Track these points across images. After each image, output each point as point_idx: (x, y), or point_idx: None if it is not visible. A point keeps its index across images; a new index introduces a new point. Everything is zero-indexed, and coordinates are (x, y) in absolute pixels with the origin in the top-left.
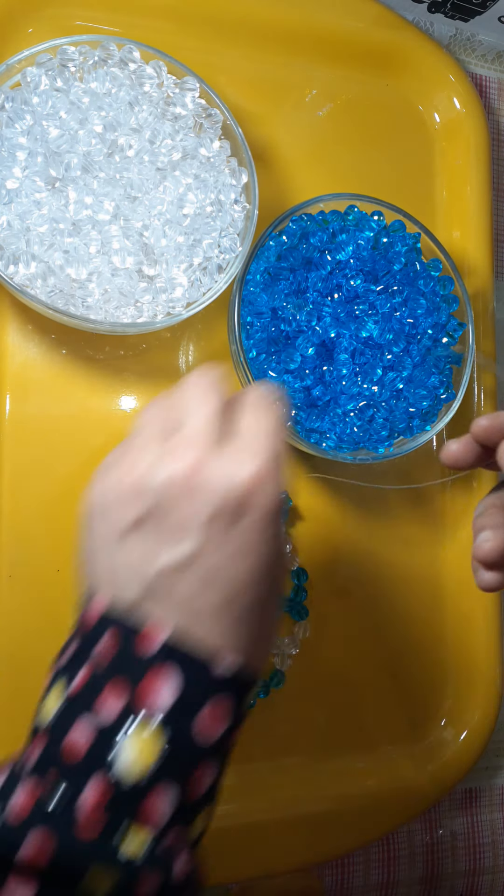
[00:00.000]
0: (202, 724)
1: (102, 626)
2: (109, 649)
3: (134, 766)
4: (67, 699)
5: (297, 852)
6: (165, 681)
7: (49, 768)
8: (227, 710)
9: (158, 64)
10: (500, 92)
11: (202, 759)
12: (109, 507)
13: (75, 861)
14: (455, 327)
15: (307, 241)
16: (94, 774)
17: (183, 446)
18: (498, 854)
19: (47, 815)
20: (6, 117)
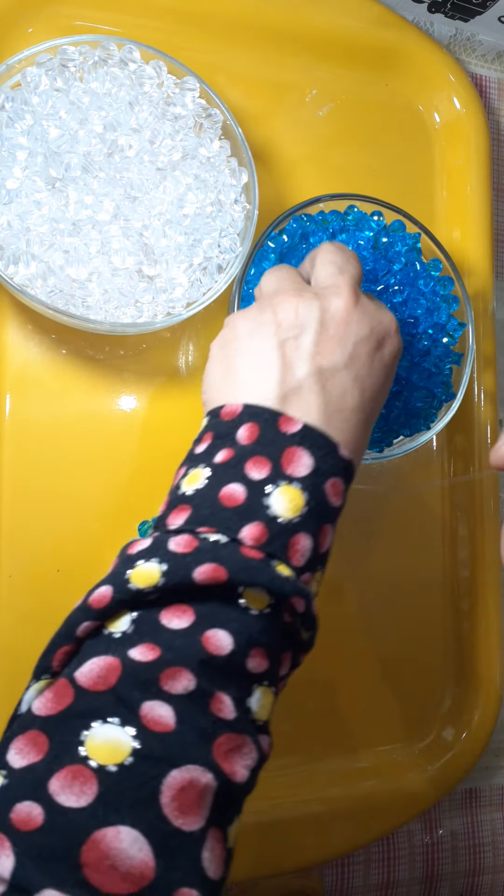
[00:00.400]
0: (330, 491)
1: (241, 419)
2: (251, 433)
3: (286, 511)
4: (213, 471)
5: (297, 852)
6: (304, 452)
7: (200, 526)
8: (342, 488)
9: (158, 64)
10: (500, 92)
11: (328, 520)
12: (268, 327)
13: (248, 577)
14: (455, 327)
15: (307, 241)
16: (253, 517)
17: (339, 288)
18: (498, 854)
19: (212, 546)
20: (6, 117)
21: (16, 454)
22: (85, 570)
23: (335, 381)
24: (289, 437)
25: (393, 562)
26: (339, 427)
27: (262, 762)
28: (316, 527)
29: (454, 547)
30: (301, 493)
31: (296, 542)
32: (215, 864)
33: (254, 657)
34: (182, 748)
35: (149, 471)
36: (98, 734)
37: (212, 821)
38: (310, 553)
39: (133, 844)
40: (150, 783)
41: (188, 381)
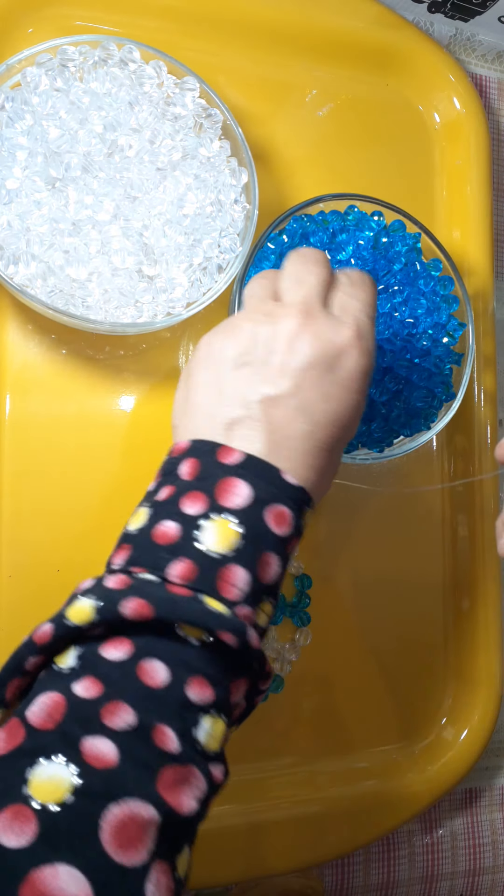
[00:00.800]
0: (270, 520)
1: (185, 455)
2: (192, 469)
3: (216, 545)
4: (154, 509)
5: (297, 852)
6: (241, 482)
7: (135, 566)
8: (288, 515)
9: (158, 64)
10: (500, 92)
11: (271, 548)
12: (219, 355)
13: (171, 612)
14: (455, 327)
15: (307, 240)
16: (183, 553)
17: (287, 311)
18: (498, 854)
19: (142, 583)
20: (6, 117)
21: (16, 454)
22: (85, 570)
23: (279, 411)
24: (227, 467)
25: (393, 562)
26: (286, 455)
27: (213, 791)
28: (253, 558)
29: (454, 547)
30: (235, 525)
31: (227, 575)
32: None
33: (194, 687)
34: (123, 783)
35: (149, 470)
36: (42, 772)
37: (157, 854)
38: (248, 585)
39: (71, 883)
40: (89, 820)
41: None
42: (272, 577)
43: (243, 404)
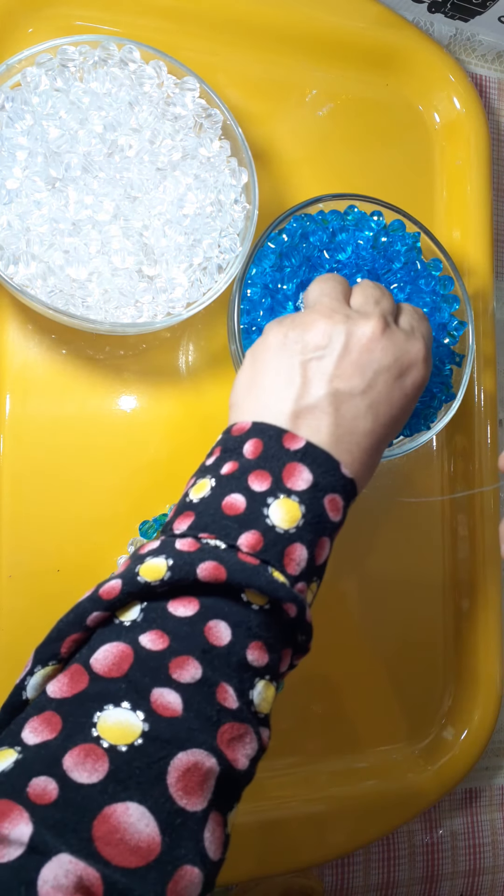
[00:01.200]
0: (328, 506)
1: (249, 435)
2: (256, 448)
3: (282, 522)
4: (218, 481)
5: (297, 852)
6: (304, 468)
7: (204, 533)
8: (341, 504)
9: (158, 64)
10: (500, 92)
11: (326, 533)
12: (295, 345)
13: (243, 578)
14: (455, 327)
15: (307, 240)
16: (252, 526)
17: (369, 317)
18: (498, 854)
19: (212, 549)
20: (6, 117)
21: (16, 454)
22: (85, 570)
23: (349, 405)
24: (291, 452)
25: (393, 562)
26: (346, 448)
27: (261, 753)
28: (313, 539)
29: (454, 547)
30: (298, 506)
31: (291, 551)
32: (215, 845)
33: (253, 650)
34: (188, 733)
35: (149, 470)
36: (110, 716)
37: (213, 804)
38: (305, 563)
39: (140, 820)
40: (158, 763)
41: (188, 381)
42: (323, 559)
43: (314, 395)
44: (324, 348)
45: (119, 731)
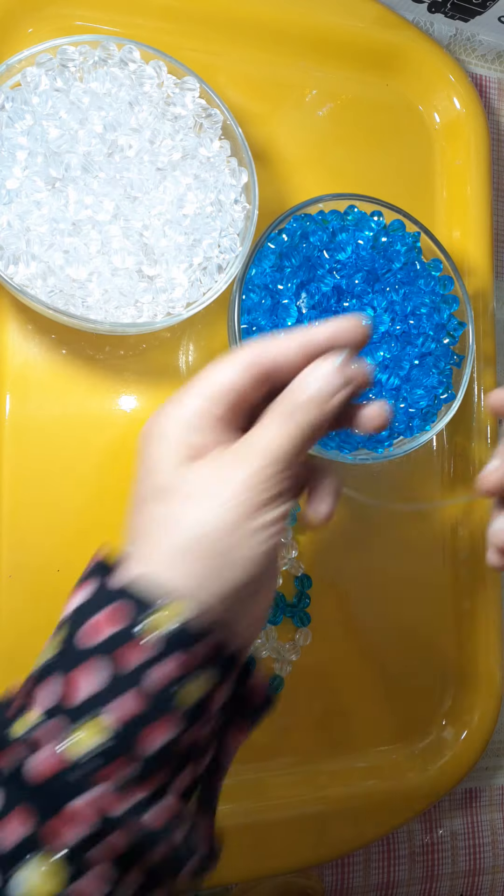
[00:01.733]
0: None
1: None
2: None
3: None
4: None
5: (297, 852)
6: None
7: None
8: (120, 614)
9: (158, 64)
10: (500, 92)
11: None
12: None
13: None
14: (455, 327)
15: (307, 240)
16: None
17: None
18: (498, 854)
19: None
20: (6, 117)
21: (16, 454)
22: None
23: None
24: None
25: (393, 561)
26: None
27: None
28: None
29: (454, 547)
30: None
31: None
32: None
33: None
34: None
35: None
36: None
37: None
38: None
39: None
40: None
41: (188, 382)
42: (82, 697)
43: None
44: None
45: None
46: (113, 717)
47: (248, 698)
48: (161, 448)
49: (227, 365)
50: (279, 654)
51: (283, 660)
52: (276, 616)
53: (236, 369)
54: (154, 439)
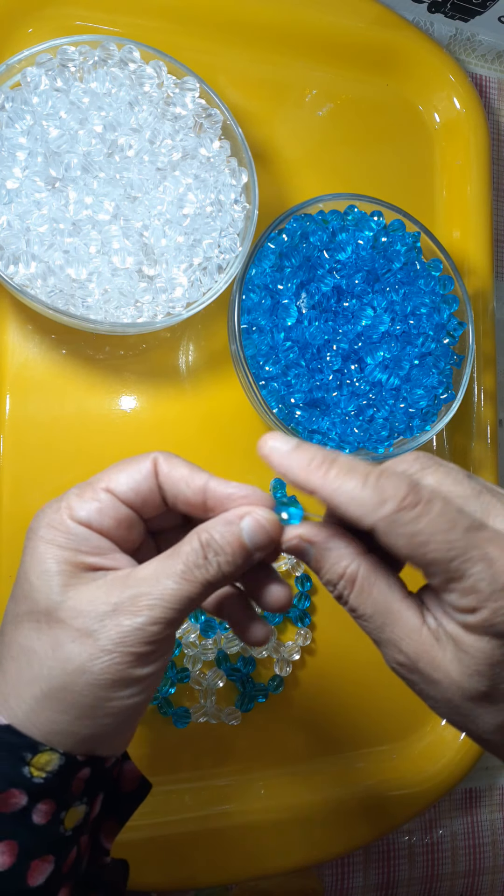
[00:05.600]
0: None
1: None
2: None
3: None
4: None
5: (297, 852)
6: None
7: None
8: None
9: (158, 64)
10: (500, 92)
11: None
12: None
13: None
14: (455, 327)
15: (307, 240)
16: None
17: None
18: (498, 854)
19: None
20: (6, 117)
21: (16, 454)
22: None
23: None
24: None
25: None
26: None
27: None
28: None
29: None
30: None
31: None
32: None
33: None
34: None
35: None
36: None
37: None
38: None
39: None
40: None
41: (188, 381)
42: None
43: None
44: None
45: None
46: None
47: (120, 784)
48: (45, 562)
49: (131, 469)
50: (279, 654)
51: (283, 660)
52: (276, 616)
53: (141, 475)
54: (39, 547)
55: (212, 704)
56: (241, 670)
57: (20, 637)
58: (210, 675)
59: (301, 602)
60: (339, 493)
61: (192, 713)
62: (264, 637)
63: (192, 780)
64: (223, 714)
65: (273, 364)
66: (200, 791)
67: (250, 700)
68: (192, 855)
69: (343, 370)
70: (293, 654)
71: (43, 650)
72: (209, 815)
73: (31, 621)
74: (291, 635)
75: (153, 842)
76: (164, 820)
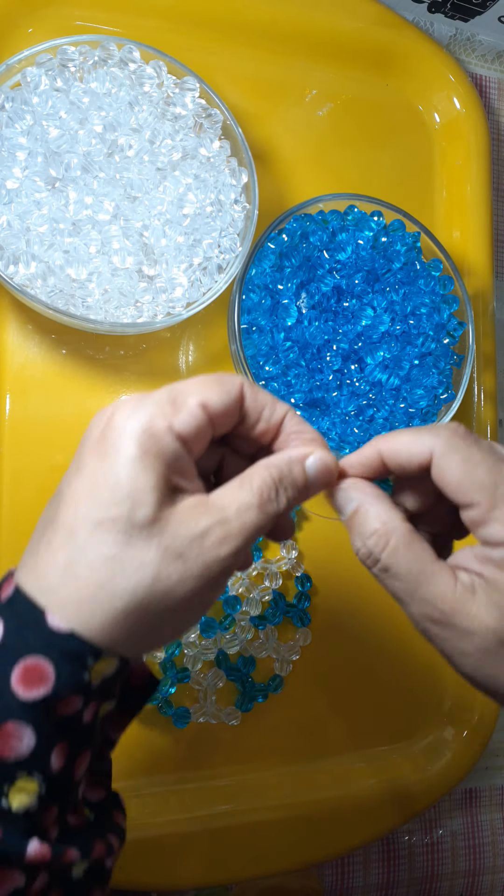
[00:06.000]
0: (18, 677)
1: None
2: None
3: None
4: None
5: (297, 852)
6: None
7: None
8: (48, 671)
9: (158, 64)
10: (500, 92)
11: (10, 716)
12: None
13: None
14: (455, 327)
15: (307, 240)
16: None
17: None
18: (498, 854)
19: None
20: (6, 117)
21: (16, 454)
22: None
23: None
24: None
25: None
26: (68, 582)
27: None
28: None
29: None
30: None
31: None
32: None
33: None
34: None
35: None
36: None
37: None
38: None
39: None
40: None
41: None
42: (17, 752)
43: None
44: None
45: None
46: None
47: (129, 679)
48: (145, 472)
49: (221, 388)
50: (279, 654)
51: (283, 660)
52: (276, 616)
53: (230, 397)
54: (136, 454)
55: (212, 704)
56: (241, 670)
57: (103, 546)
58: (210, 675)
59: (301, 602)
60: (399, 439)
61: (192, 713)
62: (291, 529)
63: (192, 780)
64: (223, 714)
65: (273, 364)
66: (200, 791)
67: (250, 700)
68: (193, 855)
69: (343, 370)
70: (293, 654)
71: (131, 565)
72: (209, 815)
73: (119, 532)
74: (291, 635)
75: (153, 841)
76: (163, 820)
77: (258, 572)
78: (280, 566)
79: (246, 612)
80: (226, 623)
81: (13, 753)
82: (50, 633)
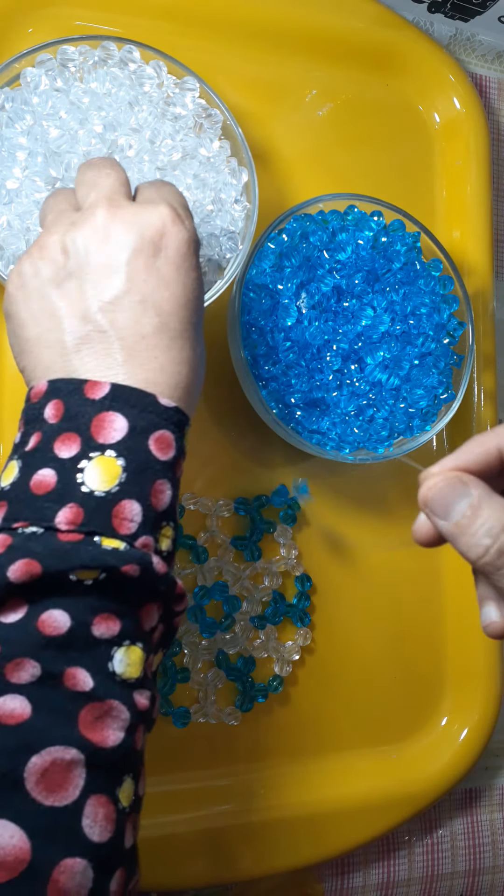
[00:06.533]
0: (155, 446)
1: (47, 397)
2: (57, 410)
3: (101, 483)
4: (24, 460)
5: (297, 852)
6: (116, 416)
7: (17, 521)
8: (170, 438)
9: (158, 64)
10: (500, 92)
11: (160, 475)
12: (35, 280)
13: (62, 562)
14: (455, 327)
15: (307, 240)
16: (68, 499)
17: (91, 208)
18: (498, 854)
19: (26, 539)
20: (6, 117)
21: None
22: None
23: (123, 313)
24: (97, 402)
25: (393, 560)
26: (145, 362)
27: (139, 718)
28: (143, 488)
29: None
30: (116, 460)
31: (119, 511)
32: (100, 827)
33: (99, 624)
34: (38, 733)
35: None
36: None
37: (89, 789)
38: (141, 517)
39: (4, 834)
40: (11, 774)
41: None
42: (166, 503)
43: (82, 319)
44: (65, 266)
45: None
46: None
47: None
48: None
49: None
50: (279, 654)
51: (283, 660)
52: (276, 616)
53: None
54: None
55: (212, 704)
56: (241, 670)
57: (184, 352)
58: (210, 675)
59: (301, 602)
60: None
61: (192, 713)
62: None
63: (192, 780)
64: (223, 714)
65: (273, 364)
66: (200, 791)
67: (250, 700)
68: (192, 855)
69: (343, 370)
70: (293, 654)
71: (201, 364)
72: (209, 815)
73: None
74: (291, 635)
75: (153, 842)
76: (163, 820)
77: (258, 572)
78: (280, 567)
79: (246, 612)
80: (226, 623)
81: (161, 506)
82: (163, 409)
